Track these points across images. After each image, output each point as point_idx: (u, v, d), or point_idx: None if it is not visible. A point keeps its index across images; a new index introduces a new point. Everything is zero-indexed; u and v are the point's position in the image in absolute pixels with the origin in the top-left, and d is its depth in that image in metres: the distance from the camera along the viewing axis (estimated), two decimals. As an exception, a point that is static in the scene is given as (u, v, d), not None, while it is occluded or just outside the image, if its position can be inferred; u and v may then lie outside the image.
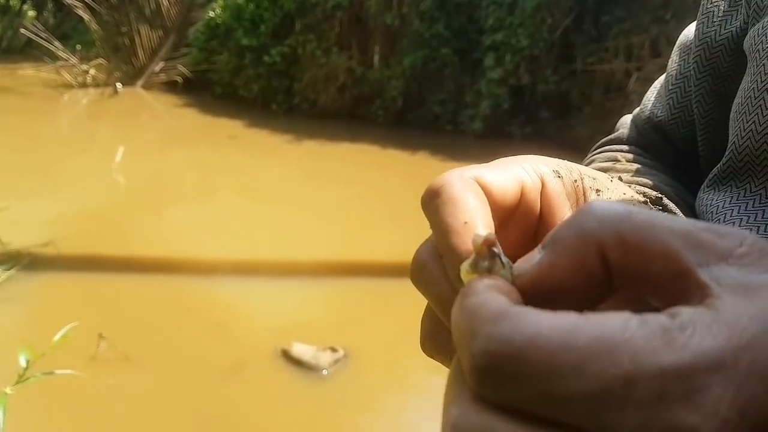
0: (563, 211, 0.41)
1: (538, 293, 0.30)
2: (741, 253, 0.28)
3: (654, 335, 0.25)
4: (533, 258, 0.31)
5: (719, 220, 0.53)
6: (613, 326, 0.25)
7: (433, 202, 0.36)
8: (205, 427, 3.26)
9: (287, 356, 3.67)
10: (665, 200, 0.54)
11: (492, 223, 0.35)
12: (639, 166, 0.67)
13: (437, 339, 0.37)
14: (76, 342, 3.31)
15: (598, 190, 0.43)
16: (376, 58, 8.84)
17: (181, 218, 5.81)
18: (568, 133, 7.37)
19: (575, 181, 0.42)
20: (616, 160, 0.69)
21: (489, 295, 0.28)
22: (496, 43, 7.96)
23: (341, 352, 3.68)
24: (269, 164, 7.31)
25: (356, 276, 4.74)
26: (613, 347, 0.24)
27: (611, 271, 0.29)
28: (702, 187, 0.59)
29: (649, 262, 0.28)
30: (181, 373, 3.61)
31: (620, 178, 0.55)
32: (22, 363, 2.20)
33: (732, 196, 0.55)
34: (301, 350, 3.67)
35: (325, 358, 3.63)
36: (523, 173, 0.40)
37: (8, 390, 2.14)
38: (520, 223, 0.40)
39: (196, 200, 6.23)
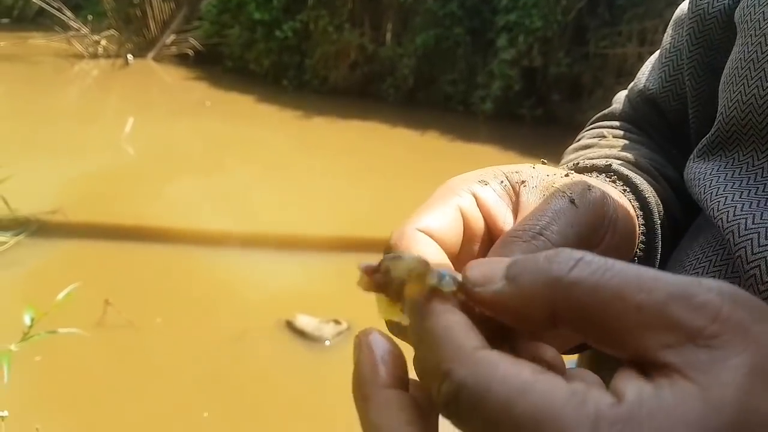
0: (502, 212, 0.44)
1: (491, 311, 0.33)
2: (712, 332, 0.28)
3: (584, 421, 0.26)
4: (491, 276, 0.33)
5: (706, 187, 0.54)
6: (554, 400, 0.27)
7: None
8: (208, 392, 3.28)
9: (291, 327, 3.69)
10: (615, 166, 0.55)
11: (448, 263, 0.41)
12: (624, 141, 0.68)
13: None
14: (83, 307, 3.34)
15: (523, 182, 0.45)
16: (389, 35, 8.80)
17: (189, 189, 5.82)
18: (579, 117, 7.32)
19: (501, 182, 0.46)
20: (602, 136, 0.70)
21: (451, 330, 0.31)
22: (510, 23, 7.90)
23: (344, 325, 3.70)
24: (278, 139, 7.30)
25: (362, 251, 4.75)
26: (545, 421, 0.27)
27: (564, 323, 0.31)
28: (691, 157, 0.60)
29: (608, 341, 0.30)
30: (185, 340, 3.64)
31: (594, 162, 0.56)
32: (27, 321, 2.22)
33: (720, 165, 0.55)
34: (305, 321, 3.68)
35: (328, 329, 3.65)
36: (459, 200, 0.44)
37: (13, 347, 2.16)
38: (474, 239, 0.44)
39: (204, 172, 6.23)
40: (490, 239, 0.44)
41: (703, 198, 0.53)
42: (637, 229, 0.50)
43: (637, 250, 0.51)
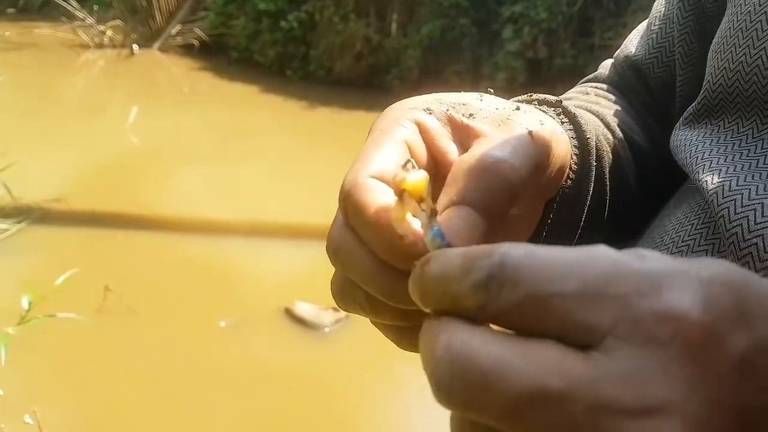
0: (445, 141, 0.44)
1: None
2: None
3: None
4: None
5: (692, 152, 0.55)
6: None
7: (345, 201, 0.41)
8: (207, 378, 3.30)
9: (290, 314, 3.70)
10: (565, 103, 0.55)
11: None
12: (602, 99, 0.69)
13: (350, 296, 0.43)
14: (83, 294, 3.35)
15: (471, 114, 0.45)
16: (394, 26, 8.78)
17: (192, 179, 5.83)
18: (584, 108, 7.32)
19: (447, 110, 0.45)
20: (586, 93, 0.71)
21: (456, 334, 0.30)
22: (515, 14, 7.88)
23: (343, 312, 3.69)
24: (282, 130, 7.31)
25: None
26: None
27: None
28: (677, 124, 0.61)
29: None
30: (185, 327, 3.65)
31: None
32: (24, 305, 2.23)
33: (706, 132, 0.56)
34: (304, 309, 3.69)
35: (327, 317, 3.66)
36: (405, 132, 0.43)
37: (10, 330, 2.17)
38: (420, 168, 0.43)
39: (207, 162, 6.24)
40: (434, 167, 0.44)
41: (688, 163, 0.55)
42: (568, 163, 0.51)
43: (567, 181, 0.51)
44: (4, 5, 11.61)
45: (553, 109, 0.54)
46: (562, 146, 0.48)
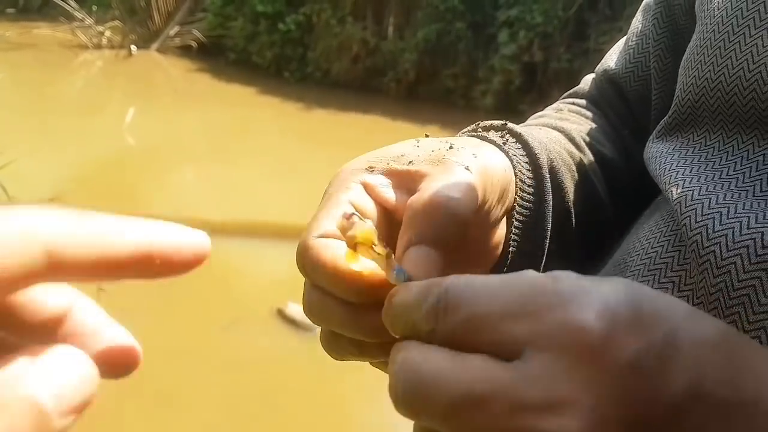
0: (390, 193, 0.48)
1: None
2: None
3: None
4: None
5: (662, 164, 0.58)
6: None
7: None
8: (198, 377, 3.32)
9: (282, 315, 3.73)
10: (510, 125, 0.59)
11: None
12: (574, 115, 0.73)
13: (340, 347, 0.47)
14: (76, 293, 3.37)
15: (410, 162, 0.49)
16: (391, 29, 8.81)
17: (188, 179, 5.85)
18: (579, 112, 7.33)
19: (388, 163, 0.49)
20: (560, 110, 0.76)
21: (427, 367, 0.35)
22: (511, 18, 7.91)
23: (335, 314, 3.73)
24: (279, 131, 7.33)
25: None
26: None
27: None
28: (650, 137, 0.63)
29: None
30: (177, 326, 3.68)
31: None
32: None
33: (675, 145, 0.59)
34: (296, 310, 3.72)
35: (318, 318, 3.68)
36: (350, 194, 0.47)
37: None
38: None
39: (203, 162, 6.27)
40: (384, 216, 0.48)
41: (658, 174, 0.58)
42: (513, 181, 0.54)
43: (522, 198, 0.55)
44: (3, 5, 11.64)
45: (498, 132, 0.58)
46: (498, 171, 0.51)
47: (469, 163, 0.48)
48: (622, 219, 0.65)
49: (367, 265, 0.41)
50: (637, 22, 0.76)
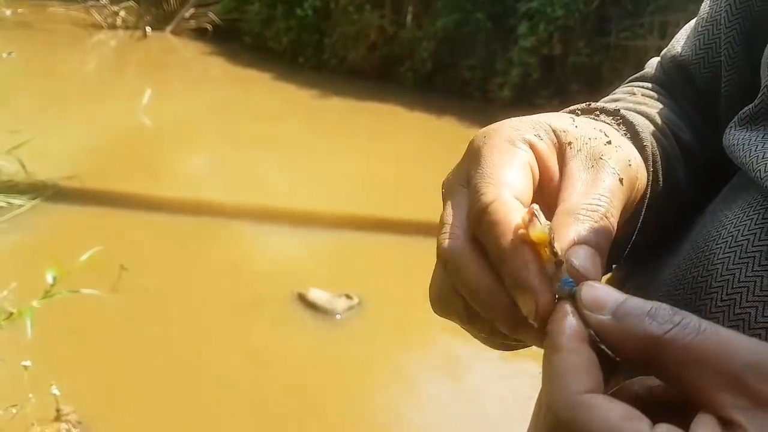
0: (552, 166, 0.48)
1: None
2: None
3: None
4: (600, 304, 0.39)
5: (752, 152, 0.56)
6: None
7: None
8: (220, 358, 3.32)
9: (303, 300, 3.72)
10: (623, 112, 0.58)
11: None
12: (649, 99, 0.72)
13: (450, 305, 0.45)
14: (97, 272, 3.36)
15: (569, 143, 0.49)
16: (409, 17, 8.76)
17: (205, 162, 5.84)
18: (597, 108, 7.29)
19: (551, 138, 0.49)
20: (633, 93, 0.73)
21: (566, 370, 0.37)
22: (531, 11, 7.85)
23: (356, 300, 3.72)
24: (293, 118, 7.31)
25: (374, 230, 4.76)
26: None
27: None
28: (731, 123, 0.61)
29: (689, 392, 0.36)
30: (198, 307, 3.67)
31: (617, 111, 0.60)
32: (49, 280, 2.24)
33: (764, 134, 0.57)
34: (317, 295, 3.71)
35: (339, 303, 3.68)
36: (527, 156, 0.47)
37: (35, 303, 2.19)
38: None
39: (220, 146, 6.25)
40: (540, 189, 0.47)
41: (747, 161, 0.56)
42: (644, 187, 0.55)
43: (647, 199, 0.56)
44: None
45: (611, 117, 0.58)
46: (642, 179, 0.52)
47: (624, 174, 0.48)
48: (695, 200, 0.65)
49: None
50: (706, 6, 0.74)
